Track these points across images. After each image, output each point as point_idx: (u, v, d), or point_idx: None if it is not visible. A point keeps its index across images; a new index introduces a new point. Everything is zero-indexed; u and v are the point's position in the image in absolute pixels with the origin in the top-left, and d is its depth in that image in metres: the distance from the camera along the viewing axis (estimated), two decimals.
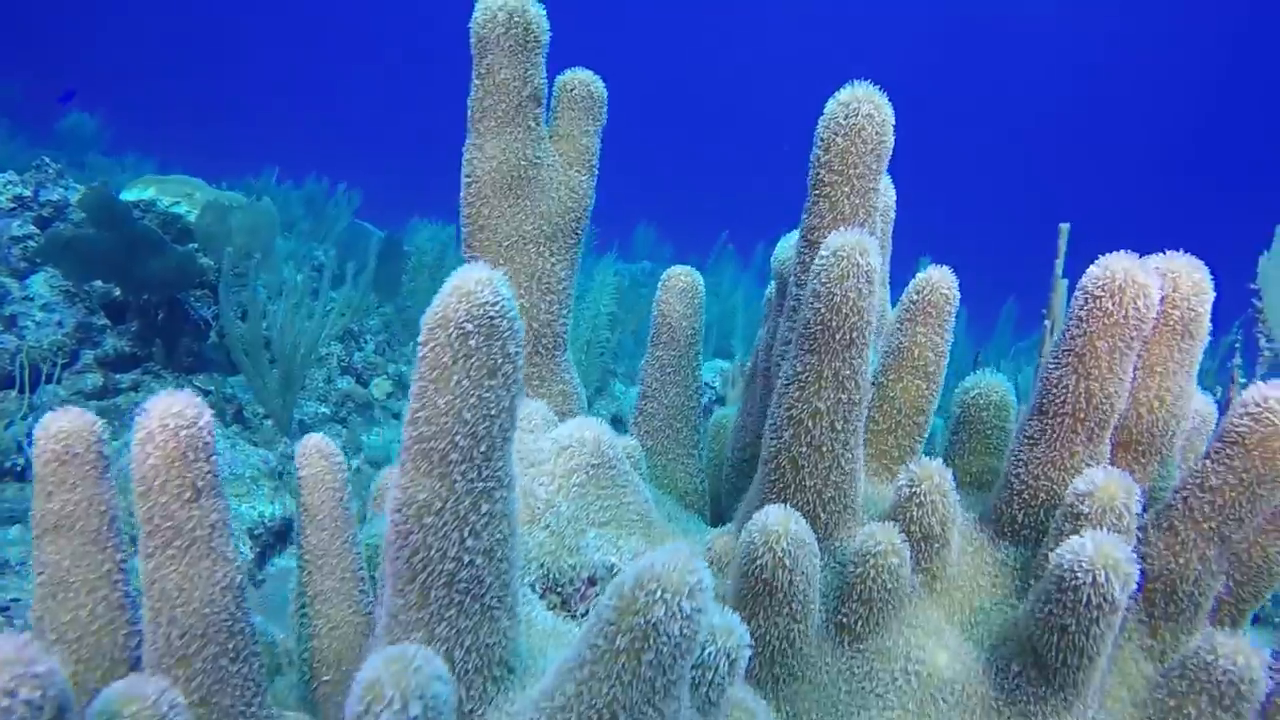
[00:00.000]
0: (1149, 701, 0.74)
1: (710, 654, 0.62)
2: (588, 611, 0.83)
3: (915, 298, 0.88)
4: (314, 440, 0.94)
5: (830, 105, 0.81)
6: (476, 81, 1.00)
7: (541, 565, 0.81)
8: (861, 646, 0.78)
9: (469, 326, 0.58)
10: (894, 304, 1.00)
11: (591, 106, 1.07)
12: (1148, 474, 0.82)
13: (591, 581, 0.83)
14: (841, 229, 0.75)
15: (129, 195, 3.79)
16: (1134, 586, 0.66)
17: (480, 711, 0.65)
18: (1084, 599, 0.65)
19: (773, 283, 1.11)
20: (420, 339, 0.60)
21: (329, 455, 0.93)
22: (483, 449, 0.61)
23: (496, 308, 0.59)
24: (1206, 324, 0.80)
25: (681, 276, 1.04)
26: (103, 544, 0.84)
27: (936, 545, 0.79)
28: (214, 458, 0.76)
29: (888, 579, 0.76)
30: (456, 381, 0.59)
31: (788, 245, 1.02)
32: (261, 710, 0.77)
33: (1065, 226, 1.59)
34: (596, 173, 1.09)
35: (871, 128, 0.79)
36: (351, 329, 3.95)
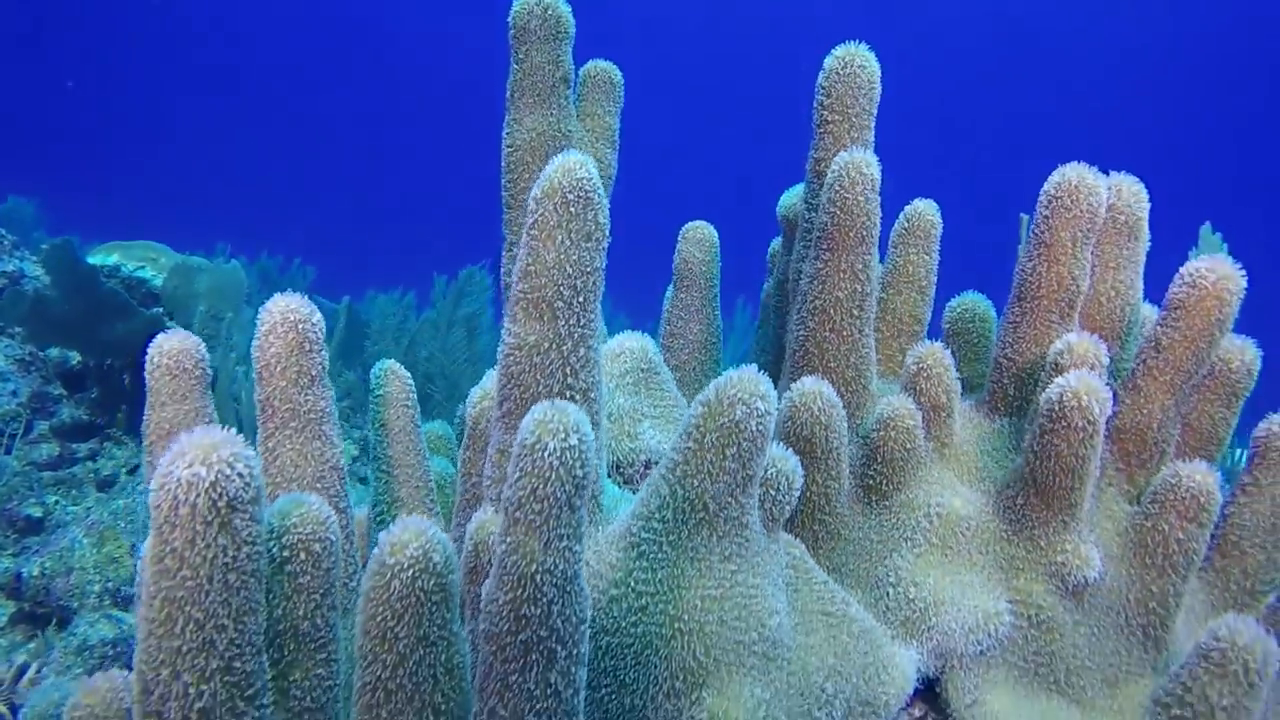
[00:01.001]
0: (1130, 528, 0.88)
1: (773, 474, 0.75)
2: None
3: (906, 225, 1.04)
4: (390, 364, 1.06)
5: (828, 61, 0.98)
6: (515, 66, 1.16)
7: (608, 448, 0.92)
8: (887, 503, 0.91)
9: (571, 195, 0.72)
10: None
11: (612, 91, 1.23)
12: (1110, 354, 0.97)
13: (648, 464, 0.95)
14: (846, 151, 0.91)
15: (93, 260, 3.79)
16: (1109, 409, 0.81)
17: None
18: (1071, 422, 0.80)
19: (777, 239, 1.27)
20: (531, 207, 0.73)
21: (403, 377, 1.05)
22: (580, 299, 0.74)
23: (591, 183, 0.73)
24: (1146, 228, 0.98)
25: (698, 229, 1.19)
26: None
27: (944, 414, 0.92)
28: (324, 352, 0.87)
29: (906, 439, 0.89)
30: (560, 240, 0.72)
31: (792, 195, 1.18)
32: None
33: (1025, 217, 1.79)
34: (618, 150, 1.24)
35: (864, 75, 0.96)
36: None
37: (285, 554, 0.66)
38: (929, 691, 0.84)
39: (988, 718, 0.80)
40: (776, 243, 1.27)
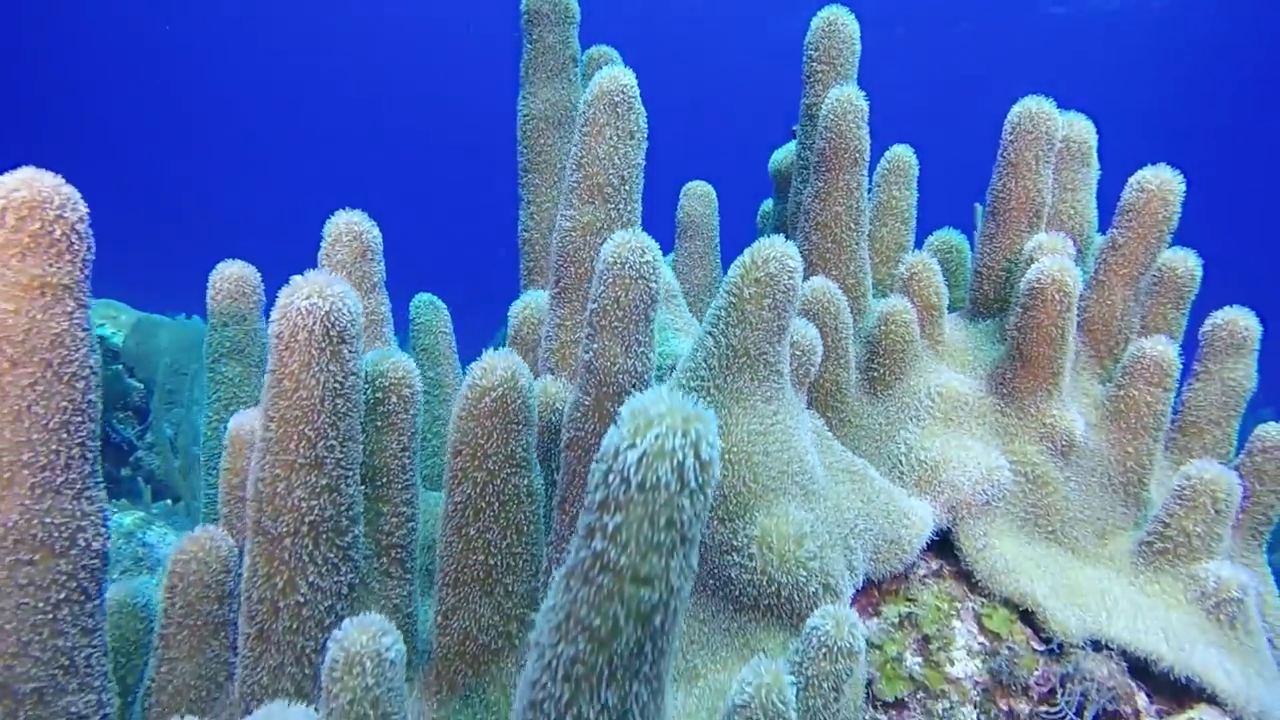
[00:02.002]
0: (1105, 401, 0.99)
1: (799, 338, 0.85)
2: None
3: (888, 165, 1.17)
4: (429, 296, 1.14)
5: (815, 21, 1.12)
6: (528, 46, 1.28)
7: None
8: (891, 391, 1.01)
9: (618, 98, 0.83)
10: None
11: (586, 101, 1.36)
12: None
13: (673, 369, 1.04)
14: (837, 88, 1.05)
15: None
16: (1080, 285, 0.93)
17: None
18: (1049, 296, 0.92)
19: (768, 200, 1.40)
20: (582, 110, 0.84)
21: (440, 306, 1.13)
22: (626, 188, 0.84)
23: (634, 89, 0.84)
24: (1095, 157, 1.12)
25: (698, 186, 1.31)
26: (259, 365, 1.01)
27: (935, 314, 1.04)
28: (382, 263, 0.96)
29: (904, 332, 1.00)
30: (609, 135, 0.83)
31: (782, 151, 1.32)
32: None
33: (979, 206, 1.95)
34: None
35: (846, 30, 1.11)
36: None
37: (379, 395, 0.74)
38: (943, 546, 0.93)
39: (996, 560, 0.89)
40: (767, 204, 1.40)
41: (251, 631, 0.70)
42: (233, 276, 0.99)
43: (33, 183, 0.63)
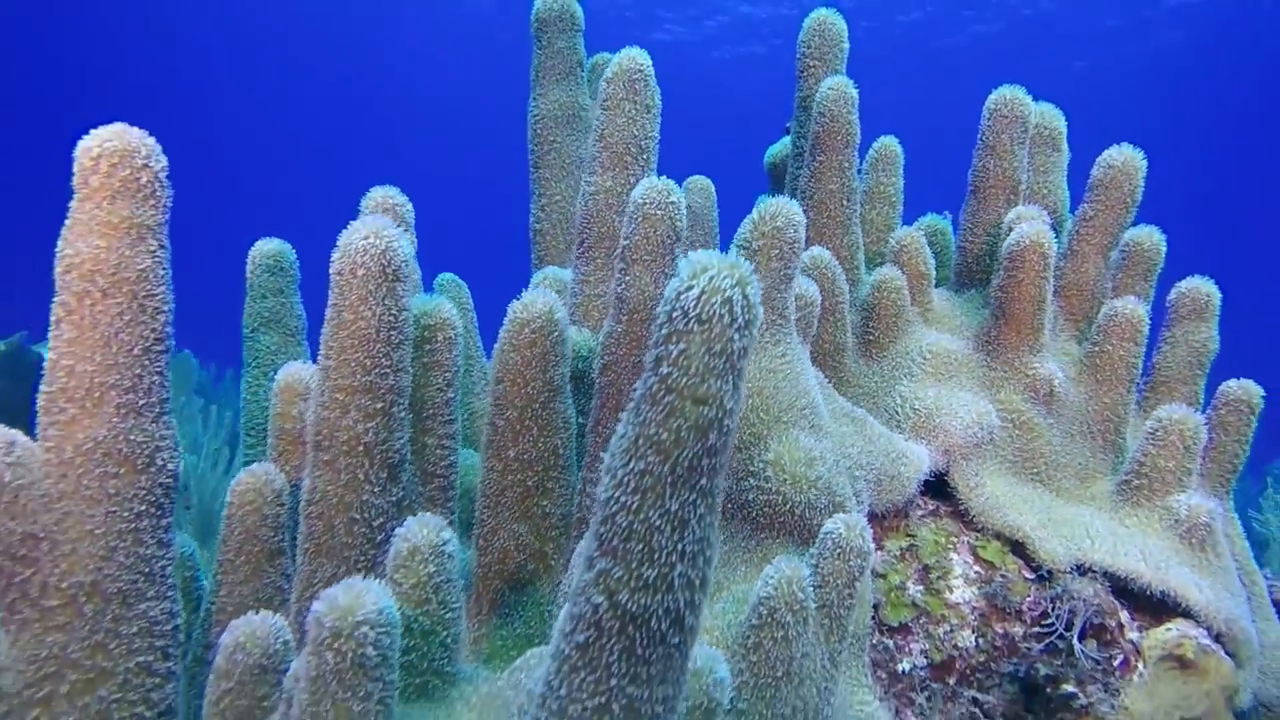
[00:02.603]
0: (1083, 358, 1.08)
1: (801, 291, 0.93)
2: None
3: (876, 154, 1.26)
4: (450, 275, 1.21)
5: (806, 22, 1.23)
6: (538, 51, 1.37)
7: None
8: (885, 353, 1.09)
9: (635, 76, 0.92)
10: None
11: (598, 97, 1.46)
12: None
13: None
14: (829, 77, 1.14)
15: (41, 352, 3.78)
16: (1055, 250, 1.02)
17: None
18: (1028, 259, 1.01)
19: (765, 193, 1.49)
20: (602, 88, 0.93)
21: (460, 283, 1.20)
22: (644, 156, 0.93)
23: (649, 68, 0.94)
24: (1065, 141, 1.23)
25: (698, 180, 1.40)
26: (298, 339, 1.07)
27: (924, 282, 1.13)
28: (413, 233, 1.03)
29: (896, 297, 1.09)
30: (627, 109, 0.92)
31: (777, 147, 1.41)
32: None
33: (948, 213, 2.06)
34: None
35: (834, 29, 1.21)
36: None
37: (424, 335, 0.81)
38: (939, 492, 1.00)
39: (988, 497, 0.96)
40: (764, 196, 1.49)
41: (309, 547, 0.76)
42: (270, 252, 1.06)
43: (124, 134, 0.70)
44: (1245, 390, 1.09)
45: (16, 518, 0.66)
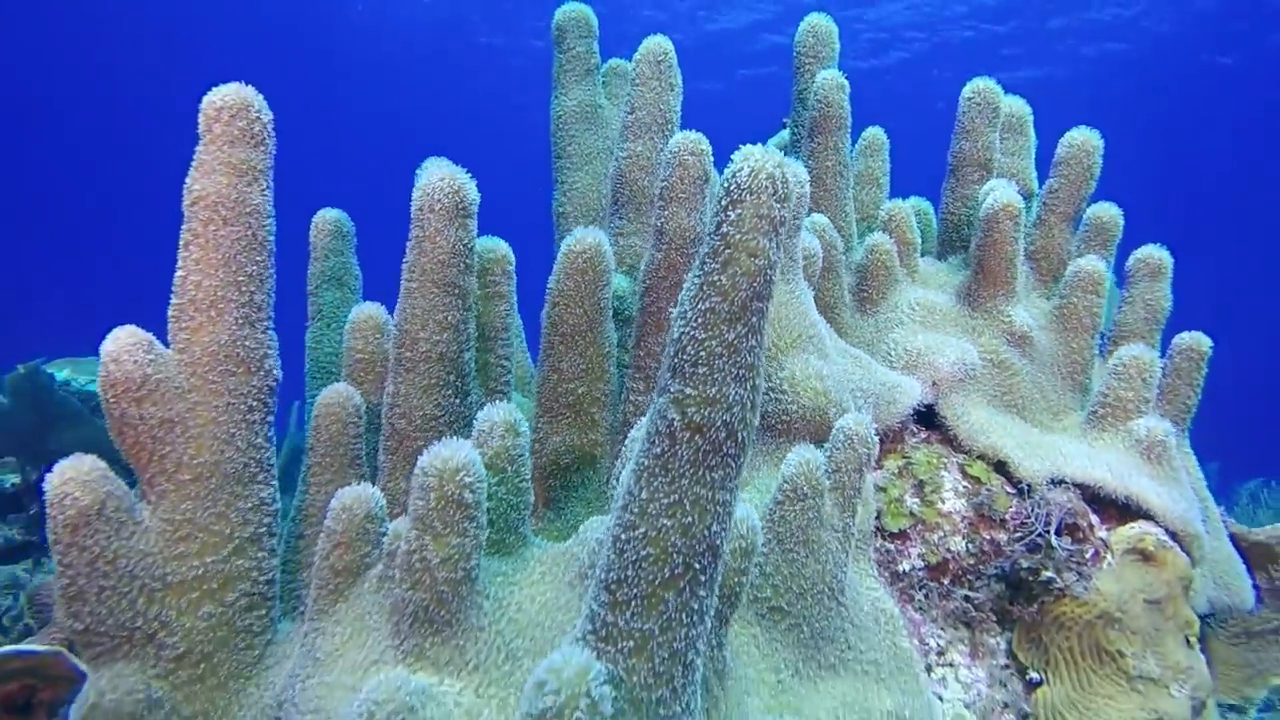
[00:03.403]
0: (1051, 310, 1.22)
1: (806, 246, 1.07)
2: None
3: (864, 143, 1.42)
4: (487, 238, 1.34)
5: (801, 26, 1.38)
6: (559, 55, 1.52)
7: None
8: (877, 309, 1.23)
9: (660, 58, 1.07)
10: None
11: (629, 78, 1.61)
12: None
13: None
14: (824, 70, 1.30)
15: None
16: (1023, 214, 1.17)
17: None
18: (1001, 220, 1.15)
19: None
20: (632, 68, 1.07)
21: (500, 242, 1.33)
22: (669, 127, 1.07)
23: (671, 52, 1.08)
24: (1032, 127, 1.38)
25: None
26: (356, 294, 1.20)
27: (910, 248, 1.27)
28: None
29: (886, 259, 1.23)
30: (655, 87, 1.06)
31: (774, 139, 1.56)
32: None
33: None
34: None
35: (826, 30, 1.37)
36: None
37: (486, 266, 0.94)
38: (929, 422, 1.13)
39: (972, 424, 1.09)
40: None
41: (391, 444, 0.87)
42: (332, 219, 1.19)
43: (241, 91, 0.83)
44: (1196, 340, 1.24)
45: (156, 405, 0.77)
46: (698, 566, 0.59)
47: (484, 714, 0.67)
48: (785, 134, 1.54)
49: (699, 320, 0.57)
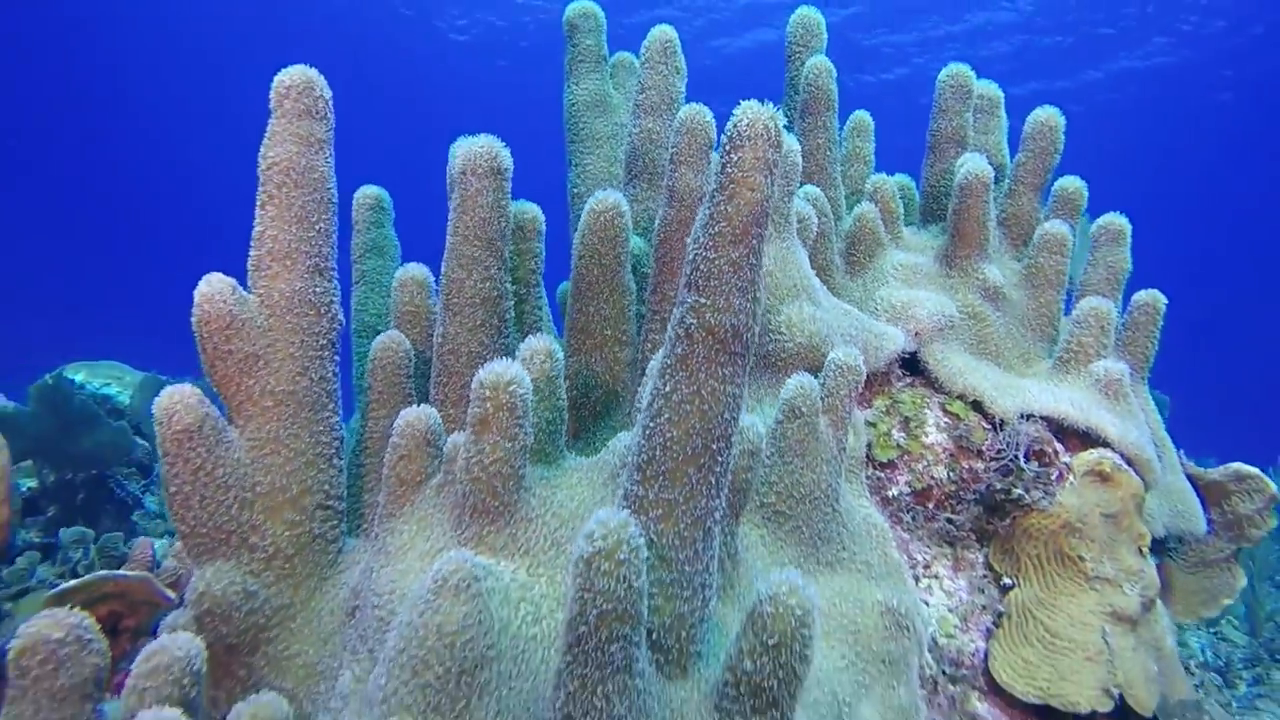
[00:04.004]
0: (1021, 270, 1.35)
1: (799, 209, 1.20)
2: None
3: (852, 124, 1.55)
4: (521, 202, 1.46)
5: (791, 19, 1.52)
6: (571, 48, 1.65)
7: None
8: (864, 271, 1.36)
9: (666, 43, 1.20)
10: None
11: (634, 71, 1.74)
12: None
13: None
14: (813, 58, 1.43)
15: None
16: (993, 183, 1.30)
17: None
18: (974, 187, 1.28)
19: None
20: (642, 53, 1.20)
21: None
22: (675, 105, 1.20)
23: (676, 40, 1.21)
24: (1003, 109, 1.52)
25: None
26: (396, 262, 1.32)
27: (894, 216, 1.40)
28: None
29: (873, 226, 1.36)
30: (661, 70, 1.19)
31: None
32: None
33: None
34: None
35: (814, 22, 1.50)
36: None
37: (520, 225, 1.07)
38: (913, 369, 1.26)
39: (951, 368, 1.22)
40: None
41: (442, 379, 1.00)
42: (372, 194, 1.32)
43: (306, 71, 0.96)
44: (1152, 296, 1.37)
45: (242, 340, 0.89)
46: (714, 447, 0.71)
47: (535, 588, 0.80)
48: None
49: (710, 243, 0.70)
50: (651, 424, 0.71)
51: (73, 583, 1.07)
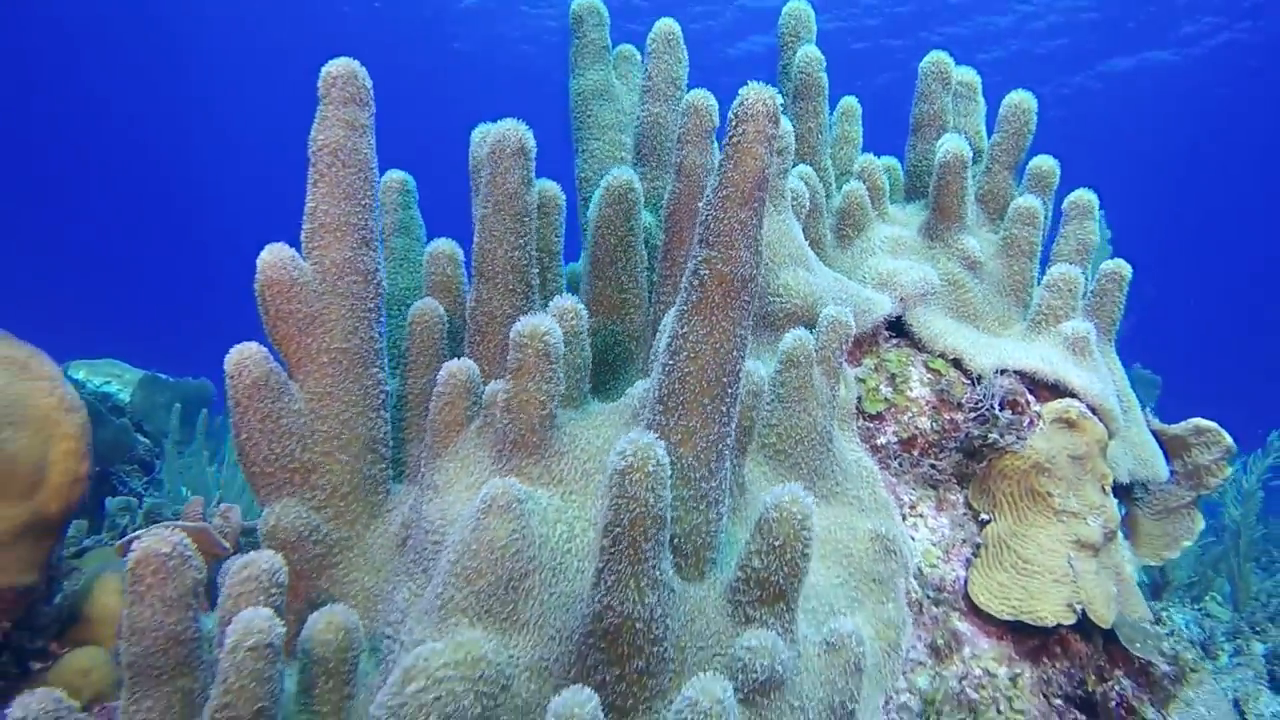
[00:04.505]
0: (997, 242, 1.47)
1: (794, 190, 1.31)
2: None
3: (841, 110, 1.66)
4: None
5: (784, 11, 1.63)
6: (576, 41, 1.76)
7: None
8: (853, 244, 1.48)
9: (669, 35, 1.31)
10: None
11: (636, 63, 1.85)
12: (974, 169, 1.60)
13: None
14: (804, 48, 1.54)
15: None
16: (970, 156, 1.41)
17: None
18: (954, 165, 1.40)
19: None
20: (649, 45, 1.31)
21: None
22: (679, 92, 1.31)
23: (679, 31, 1.32)
24: (981, 94, 1.64)
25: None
26: (421, 241, 1.42)
27: (880, 193, 1.52)
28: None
29: (862, 202, 1.47)
30: (665, 59, 1.31)
31: None
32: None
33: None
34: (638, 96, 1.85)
35: (804, 14, 1.61)
36: None
37: (543, 201, 1.18)
38: (899, 331, 1.38)
39: (933, 329, 1.34)
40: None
41: (476, 339, 1.11)
42: (398, 179, 1.42)
43: (350, 63, 1.07)
44: (1118, 265, 1.49)
45: (300, 303, 1.00)
46: (725, 380, 0.83)
47: (568, 511, 0.91)
48: None
49: (720, 204, 0.81)
50: (671, 361, 0.83)
51: (140, 534, 1.18)
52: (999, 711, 1.05)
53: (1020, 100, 1.52)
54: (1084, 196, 1.54)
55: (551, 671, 0.81)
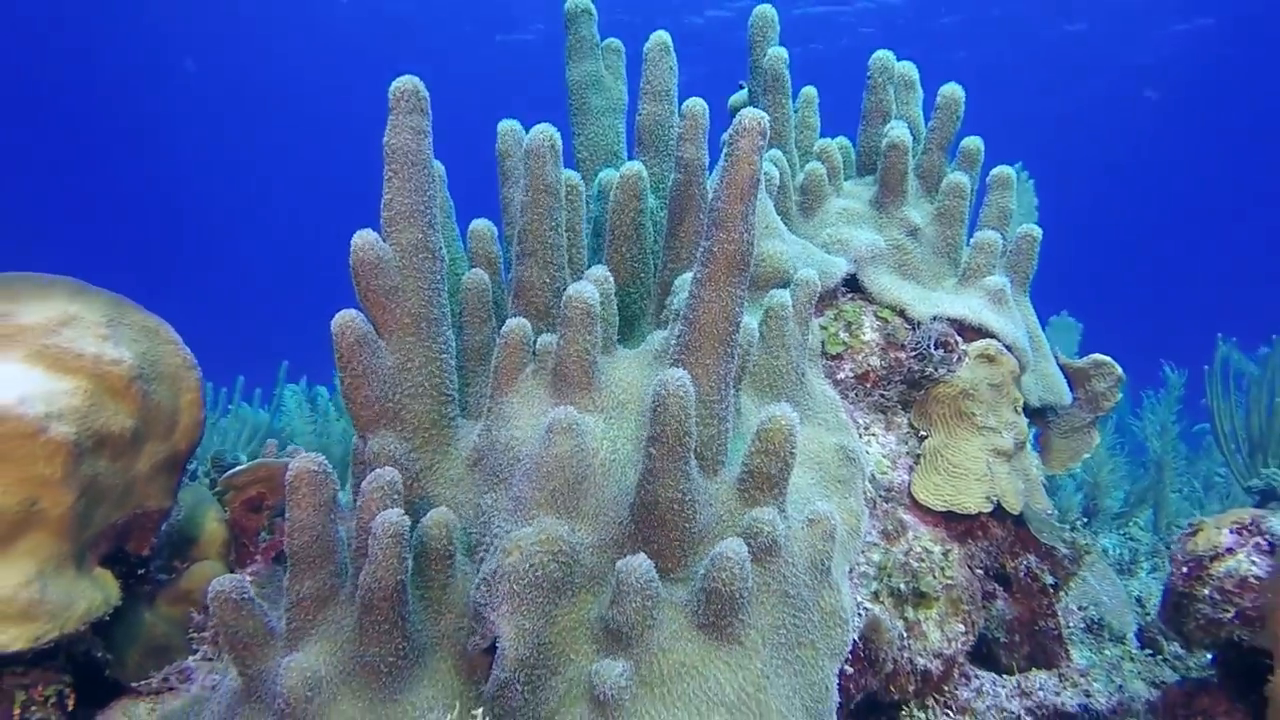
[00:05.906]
0: (934, 210, 1.78)
1: (767, 174, 1.59)
2: None
3: (802, 100, 1.94)
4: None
5: (753, 14, 1.89)
6: (570, 36, 2.00)
7: None
8: (814, 215, 1.77)
9: (664, 44, 1.57)
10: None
11: (621, 55, 2.10)
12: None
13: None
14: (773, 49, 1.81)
15: None
16: (911, 141, 1.71)
17: None
18: (896, 147, 1.69)
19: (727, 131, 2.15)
20: (645, 52, 1.57)
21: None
22: (671, 94, 1.57)
23: (669, 41, 1.58)
24: (919, 86, 1.93)
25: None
26: (452, 220, 1.67)
27: (836, 172, 1.81)
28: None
29: (821, 180, 1.76)
30: (661, 66, 1.57)
31: (735, 97, 2.07)
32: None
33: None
34: (625, 84, 2.10)
35: (770, 17, 1.88)
36: None
37: (569, 188, 1.44)
38: (855, 287, 1.68)
39: (882, 285, 1.64)
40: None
41: (519, 301, 1.38)
42: (435, 169, 1.66)
43: (413, 79, 1.31)
44: (1030, 229, 1.80)
45: (384, 277, 1.26)
46: (729, 330, 1.11)
47: (611, 431, 1.20)
48: (744, 94, 2.05)
49: (725, 197, 1.09)
50: (691, 315, 1.11)
51: (242, 466, 1.44)
52: (935, 577, 1.38)
53: (951, 92, 1.82)
54: (1004, 171, 1.85)
55: (607, 547, 1.10)
